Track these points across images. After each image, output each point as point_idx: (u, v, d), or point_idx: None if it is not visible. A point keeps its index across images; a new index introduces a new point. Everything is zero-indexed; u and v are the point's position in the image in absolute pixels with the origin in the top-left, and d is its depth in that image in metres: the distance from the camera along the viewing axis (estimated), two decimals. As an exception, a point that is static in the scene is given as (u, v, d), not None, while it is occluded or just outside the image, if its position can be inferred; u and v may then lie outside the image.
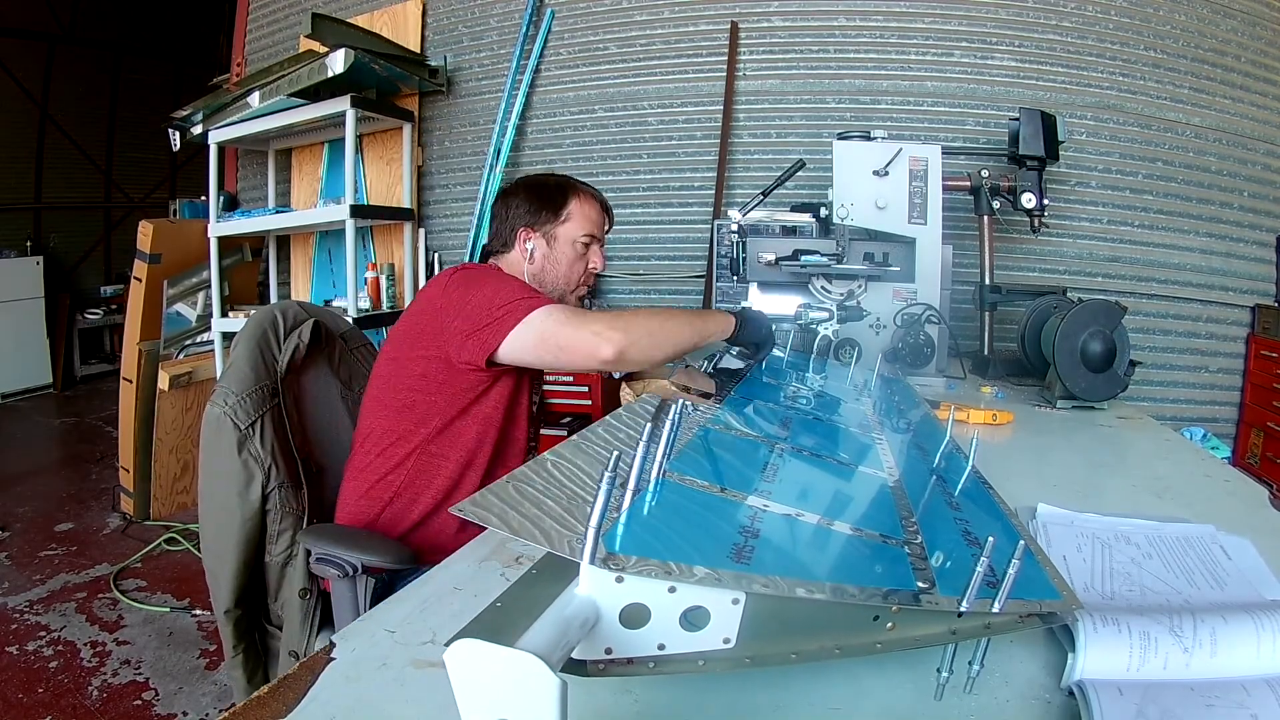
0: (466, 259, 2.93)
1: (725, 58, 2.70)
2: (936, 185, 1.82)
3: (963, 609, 0.45)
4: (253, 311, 2.92)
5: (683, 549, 0.44)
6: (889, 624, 0.45)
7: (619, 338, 1.06)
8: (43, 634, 2.08)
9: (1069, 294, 1.82)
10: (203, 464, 1.14)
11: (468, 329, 1.09)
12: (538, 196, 1.31)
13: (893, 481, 0.71)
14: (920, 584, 0.47)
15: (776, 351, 1.40)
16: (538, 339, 1.07)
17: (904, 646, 0.46)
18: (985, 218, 2.02)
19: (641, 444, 0.48)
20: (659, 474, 0.52)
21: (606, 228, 1.38)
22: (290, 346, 1.20)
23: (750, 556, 0.45)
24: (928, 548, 0.53)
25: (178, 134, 3.15)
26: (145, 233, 2.91)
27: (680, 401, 0.63)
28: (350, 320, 1.63)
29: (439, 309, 1.15)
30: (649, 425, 0.50)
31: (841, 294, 1.67)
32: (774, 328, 1.33)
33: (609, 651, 0.42)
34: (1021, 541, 0.45)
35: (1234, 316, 2.58)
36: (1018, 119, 2.00)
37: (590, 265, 1.35)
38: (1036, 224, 2.00)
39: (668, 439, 0.53)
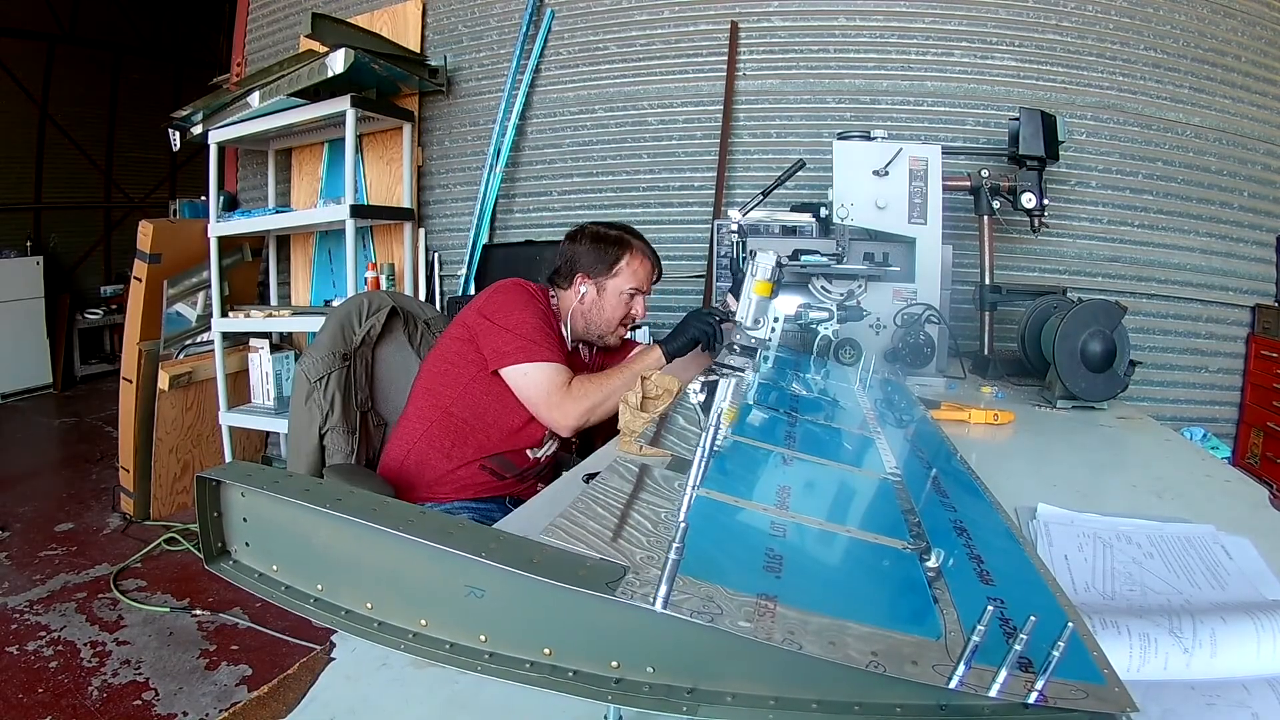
0: (467, 259, 2.93)
1: (725, 58, 2.70)
2: (936, 185, 1.82)
3: (994, 694, 0.40)
4: (254, 311, 2.96)
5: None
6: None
7: (573, 422, 1.39)
8: (43, 634, 2.08)
9: (1069, 294, 1.82)
10: (291, 408, 1.54)
11: (494, 342, 1.41)
12: (597, 248, 1.55)
13: (912, 519, 0.68)
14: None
15: (781, 353, 1.41)
16: (524, 386, 1.40)
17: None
18: (985, 218, 2.02)
19: (689, 484, 0.48)
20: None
21: (655, 279, 1.61)
22: (368, 325, 1.55)
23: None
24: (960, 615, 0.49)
25: (178, 134, 3.16)
26: (145, 233, 2.91)
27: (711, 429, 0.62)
28: (437, 309, 2.02)
29: (480, 310, 1.45)
30: (693, 463, 0.50)
31: (841, 294, 1.67)
32: (713, 320, 1.48)
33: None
34: (1070, 624, 0.40)
35: (1234, 316, 2.57)
36: (1018, 119, 2.00)
37: (632, 313, 1.58)
38: (1036, 224, 2.00)
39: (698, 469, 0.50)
